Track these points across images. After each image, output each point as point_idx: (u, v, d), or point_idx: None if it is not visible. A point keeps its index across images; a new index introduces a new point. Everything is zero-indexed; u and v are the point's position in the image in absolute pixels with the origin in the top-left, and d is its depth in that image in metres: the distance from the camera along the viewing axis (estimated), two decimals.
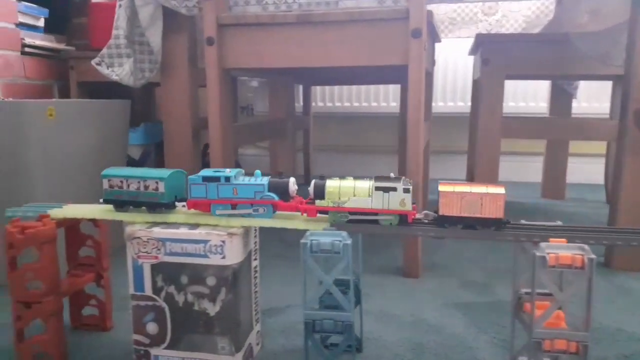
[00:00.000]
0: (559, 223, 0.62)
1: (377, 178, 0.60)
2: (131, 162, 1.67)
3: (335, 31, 0.96)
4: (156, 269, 0.62)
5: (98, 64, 1.11)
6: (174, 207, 0.66)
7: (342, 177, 0.62)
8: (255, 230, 0.67)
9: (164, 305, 0.62)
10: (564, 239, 0.56)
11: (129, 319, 0.79)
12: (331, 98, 2.06)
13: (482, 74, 1.36)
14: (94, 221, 0.73)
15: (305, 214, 0.62)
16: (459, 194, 0.58)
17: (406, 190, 0.58)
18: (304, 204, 0.62)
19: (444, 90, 1.97)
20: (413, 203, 0.60)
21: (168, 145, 1.21)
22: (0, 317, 0.80)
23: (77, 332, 0.76)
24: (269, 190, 0.62)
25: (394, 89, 2.00)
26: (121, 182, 0.65)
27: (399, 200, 0.58)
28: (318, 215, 0.62)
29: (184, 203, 0.66)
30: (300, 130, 1.95)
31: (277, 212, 0.63)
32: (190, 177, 0.64)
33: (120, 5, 1.08)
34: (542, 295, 0.60)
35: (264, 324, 0.77)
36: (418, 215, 0.62)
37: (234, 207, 0.63)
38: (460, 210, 0.58)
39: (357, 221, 0.60)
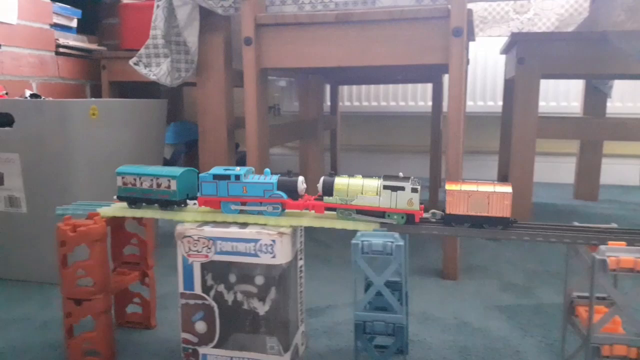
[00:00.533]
0: (614, 225, 0.60)
1: (386, 177, 0.60)
2: (163, 162, 1.68)
3: (374, 30, 0.96)
4: (206, 267, 0.62)
5: (136, 64, 1.12)
6: (186, 204, 0.68)
7: (351, 175, 0.62)
8: (301, 230, 0.67)
9: (213, 304, 0.63)
10: (623, 242, 0.55)
11: (170, 317, 0.80)
12: (358, 97, 2.06)
13: (517, 73, 1.34)
14: (139, 220, 0.74)
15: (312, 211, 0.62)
16: (466, 192, 0.58)
17: (414, 190, 0.58)
18: (312, 200, 0.63)
19: (473, 89, 1.95)
20: (421, 203, 0.60)
21: (203, 144, 1.21)
22: (47, 314, 0.82)
23: (121, 330, 0.77)
24: (278, 189, 0.63)
25: (422, 88, 1.99)
26: (134, 179, 0.67)
27: (407, 199, 0.59)
28: (325, 212, 0.62)
29: (195, 201, 0.67)
30: (327, 130, 1.95)
31: (287, 211, 0.64)
32: (201, 175, 0.65)
33: (158, 6, 1.09)
34: (598, 299, 0.59)
35: (306, 324, 0.77)
36: (425, 215, 0.62)
37: (243, 204, 0.64)
38: (467, 209, 0.58)
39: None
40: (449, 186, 0.59)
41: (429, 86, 1.98)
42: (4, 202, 0.93)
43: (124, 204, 0.69)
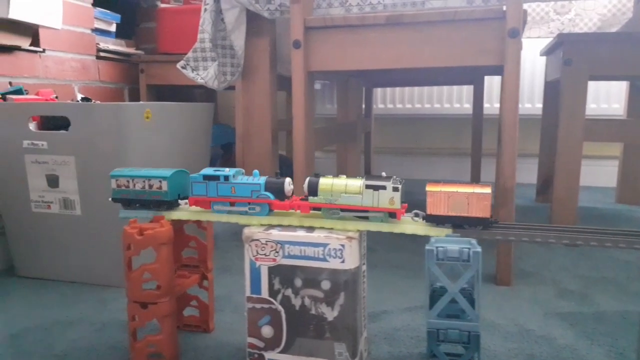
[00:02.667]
0: None
1: (368, 177, 0.61)
2: None
3: (427, 32, 0.95)
4: (273, 271, 0.61)
5: (183, 68, 1.12)
6: (177, 204, 0.70)
7: (335, 175, 0.63)
8: (364, 234, 0.66)
9: (280, 308, 0.62)
10: None
11: (226, 320, 0.80)
12: (392, 100, 2.04)
13: (563, 75, 1.31)
14: (198, 222, 0.74)
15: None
16: (446, 193, 0.59)
17: (395, 189, 0.59)
18: (298, 201, 0.64)
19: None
20: (403, 202, 0.60)
21: (248, 146, 1.21)
22: (104, 316, 0.82)
23: (179, 333, 0.77)
24: (265, 190, 0.64)
25: (457, 90, 1.96)
26: (128, 181, 0.69)
27: (389, 198, 0.60)
28: (311, 211, 0.63)
29: (187, 201, 0.68)
30: (362, 133, 1.94)
31: (275, 211, 0.65)
32: (192, 175, 0.66)
33: (205, 9, 1.10)
34: None
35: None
36: (408, 214, 0.63)
37: (232, 205, 0.65)
38: (447, 209, 0.59)
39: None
40: (429, 187, 0.60)
41: (465, 88, 1.95)
42: (58, 205, 0.94)
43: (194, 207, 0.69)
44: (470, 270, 0.55)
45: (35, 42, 1.45)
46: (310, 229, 0.62)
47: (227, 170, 0.65)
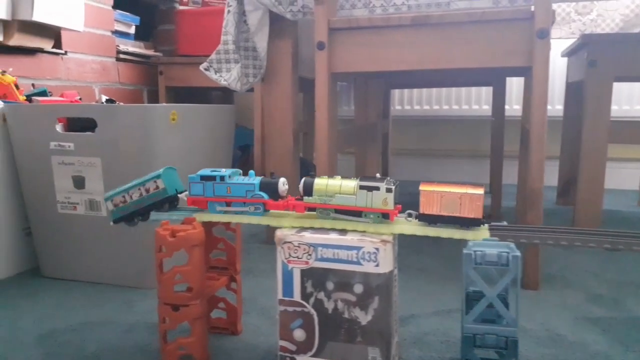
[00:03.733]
0: None
1: (362, 178, 0.62)
2: None
3: (453, 32, 0.94)
4: (306, 274, 0.61)
5: (206, 69, 1.12)
6: (178, 200, 0.71)
7: (330, 176, 0.64)
8: (397, 237, 0.65)
9: (313, 311, 0.62)
10: None
11: (253, 322, 0.80)
12: (410, 101, 2.03)
13: (587, 76, 1.29)
14: (226, 224, 0.74)
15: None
16: (439, 193, 0.59)
17: (388, 190, 0.60)
18: (294, 201, 0.65)
19: (519, 92, 1.89)
20: (397, 203, 0.61)
21: (269, 149, 1.21)
22: (131, 317, 0.82)
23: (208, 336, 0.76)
24: (260, 190, 0.65)
25: (476, 91, 1.95)
26: (123, 197, 0.71)
27: (382, 199, 0.60)
28: (306, 211, 0.64)
29: (187, 193, 0.69)
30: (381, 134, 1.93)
31: (270, 211, 0.67)
32: (190, 176, 0.67)
33: (229, 11, 1.10)
34: None
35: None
36: (401, 215, 0.63)
37: (228, 204, 0.66)
38: (439, 209, 0.59)
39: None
40: (422, 187, 0.60)
41: (484, 89, 1.94)
42: (84, 206, 0.95)
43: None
44: (508, 275, 0.54)
45: (58, 44, 1.47)
46: (343, 231, 0.61)
47: (224, 171, 0.66)
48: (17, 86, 1.11)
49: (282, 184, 0.65)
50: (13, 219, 1.02)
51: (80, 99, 1.18)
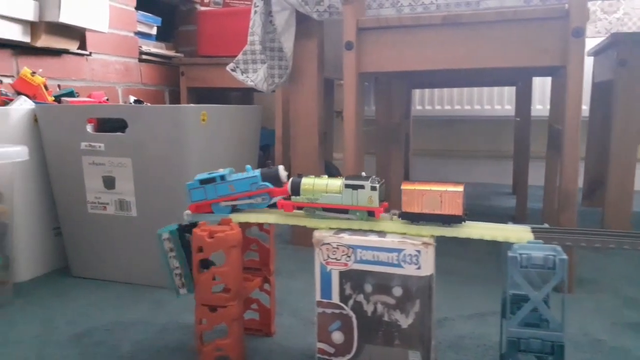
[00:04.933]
0: None
1: (348, 177, 0.63)
2: None
3: (485, 32, 0.93)
4: (345, 276, 0.60)
5: (233, 70, 1.12)
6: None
7: (317, 176, 0.65)
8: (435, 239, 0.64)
9: (351, 314, 0.61)
10: None
11: (285, 323, 0.80)
12: (430, 101, 2.02)
13: (616, 76, 1.27)
14: (260, 225, 0.73)
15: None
16: (420, 191, 0.60)
17: (373, 188, 0.61)
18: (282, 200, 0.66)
19: (542, 92, 1.87)
20: (382, 201, 0.62)
21: (294, 150, 1.21)
22: (162, 317, 0.82)
23: None
24: (263, 180, 0.66)
25: (498, 91, 1.93)
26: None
27: (367, 197, 0.61)
28: (295, 210, 0.65)
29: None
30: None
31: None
32: (188, 183, 0.68)
33: (255, 12, 1.10)
34: None
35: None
36: (386, 214, 0.64)
37: (232, 201, 0.67)
38: (421, 207, 0.60)
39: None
40: (404, 186, 0.61)
41: (506, 89, 1.92)
42: (114, 206, 0.95)
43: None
44: (555, 278, 0.53)
45: (82, 45, 1.48)
46: (382, 233, 0.61)
47: (221, 171, 0.67)
48: (46, 87, 1.12)
49: (282, 170, 0.67)
50: (43, 219, 1.02)
51: (107, 99, 1.18)
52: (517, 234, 0.59)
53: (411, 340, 0.59)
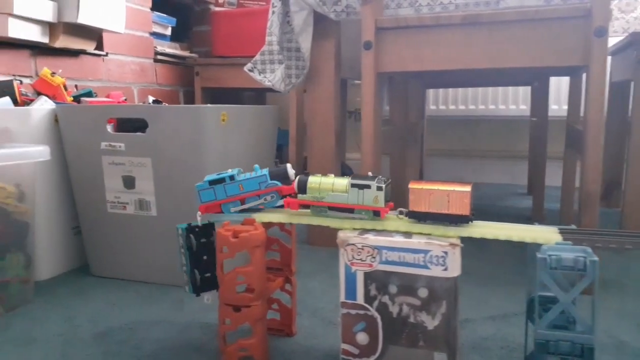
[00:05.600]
0: None
1: (354, 176, 0.63)
2: None
3: (505, 31, 0.92)
4: (370, 277, 0.60)
5: (250, 70, 1.13)
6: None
7: (324, 174, 0.66)
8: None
9: (376, 315, 0.61)
10: None
11: (305, 324, 0.80)
12: (445, 101, 2.01)
13: (636, 76, 1.26)
14: (281, 225, 0.73)
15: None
16: (427, 191, 0.60)
17: (379, 188, 0.61)
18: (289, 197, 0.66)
19: (557, 92, 1.85)
20: (388, 201, 0.62)
21: (311, 149, 1.21)
22: (184, 316, 0.83)
23: None
24: (271, 179, 0.66)
25: (513, 91, 1.92)
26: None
27: (373, 197, 0.61)
28: (300, 209, 0.65)
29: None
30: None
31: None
32: (197, 185, 0.68)
33: (273, 12, 1.10)
34: None
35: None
36: (393, 212, 0.64)
37: (242, 202, 0.67)
38: (428, 206, 0.60)
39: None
40: (412, 185, 0.61)
41: (521, 89, 1.90)
42: (134, 206, 0.96)
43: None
44: (585, 280, 0.53)
45: (99, 46, 1.49)
46: (408, 234, 0.60)
47: (230, 171, 0.68)
48: (65, 87, 1.13)
49: (290, 168, 0.67)
50: (63, 218, 1.03)
51: (125, 99, 1.19)
52: (544, 235, 0.58)
53: (437, 342, 0.59)
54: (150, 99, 1.28)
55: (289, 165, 0.68)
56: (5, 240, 0.85)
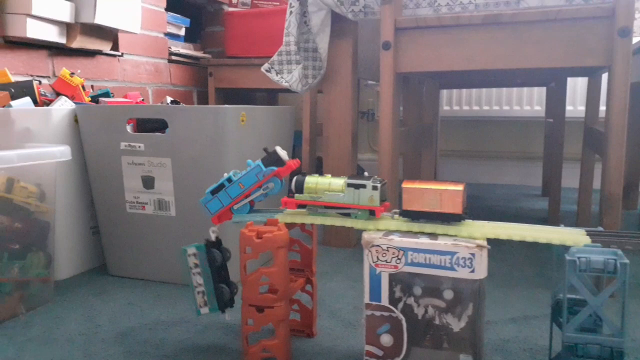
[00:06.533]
0: None
1: (350, 176, 0.65)
2: None
3: (526, 31, 0.91)
4: (395, 278, 0.60)
5: (267, 71, 1.13)
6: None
7: (321, 174, 0.67)
8: None
9: (401, 316, 0.60)
10: None
11: (325, 325, 0.79)
12: (458, 101, 2.00)
13: None
14: (302, 226, 0.73)
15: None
16: (420, 190, 0.61)
17: (374, 188, 0.62)
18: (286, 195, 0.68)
19: (573, 92, 1.84)
20: (384, 200, 0.63)
21: (327, 149, 1.21)
22: (203, 317, 0.83)
23: None
24: (266, 166, 0.67)
25: (528, 92, 1.90)
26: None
27: (368, 196, 0.63)
28: (297, 208, 0.66)
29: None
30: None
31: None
32: (200, 200, 0.70)
33: (291, 12, 1.10)
34: None
35: None
36: (387, 213, 0.65)
37: (247, 198, 0.68)
38: (421, 205, 0.61)
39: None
40: (405, 184, 0.62)
41: (535, 90, 1.89)
42: (153, 206, 0.96)
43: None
44: (616, 283, 0.52)
45: (115, 46, 1.50)
46: (433, 235, 0.60)
47: (226, 175, 0.69)
48: (83, 88, 1.14)
49: (280, 149, 0.68)
50: (81, 218, 1.04)
51: (142, 100, 1.20)
52: (572, 236, 0.57)
53: (462, 344, 0.59)
54: (169, 99, 1.28)
55: (278, 148, 0.68)
56: (27, 240, 0.85)
